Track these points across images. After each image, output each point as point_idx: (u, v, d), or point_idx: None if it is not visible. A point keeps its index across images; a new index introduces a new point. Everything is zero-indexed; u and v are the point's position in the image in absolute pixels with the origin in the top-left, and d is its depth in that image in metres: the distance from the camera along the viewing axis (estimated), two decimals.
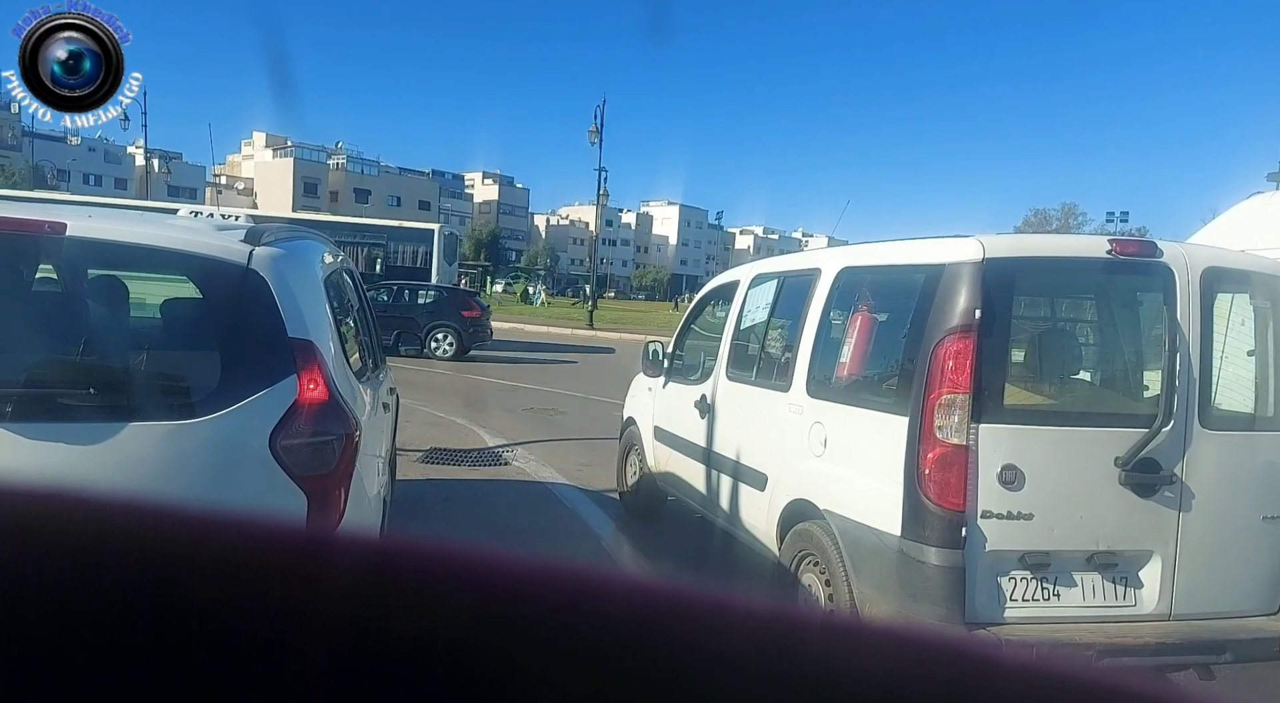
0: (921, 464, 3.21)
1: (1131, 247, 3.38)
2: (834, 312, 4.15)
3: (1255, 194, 5.77)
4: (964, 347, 3.18)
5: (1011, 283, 3.34)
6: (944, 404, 3.19)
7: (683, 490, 5.61)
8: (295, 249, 3.08)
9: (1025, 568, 3.22)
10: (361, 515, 2.89)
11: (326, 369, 2.65)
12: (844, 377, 3.91)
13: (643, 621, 0.42)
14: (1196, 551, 3.30)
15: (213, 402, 2.51)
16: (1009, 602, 3.22)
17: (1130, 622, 3.27)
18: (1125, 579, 3.31)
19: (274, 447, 2.49)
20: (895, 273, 3.82)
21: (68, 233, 2.61)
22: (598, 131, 31.56)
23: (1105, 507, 3.26)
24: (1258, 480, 3.40)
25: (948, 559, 3.15)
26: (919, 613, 3.19)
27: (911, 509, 3.24)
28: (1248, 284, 3.54)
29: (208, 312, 2.96)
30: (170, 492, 2.45)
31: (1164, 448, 3.26)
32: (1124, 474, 3.24)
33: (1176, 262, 3.33)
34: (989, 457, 3.18)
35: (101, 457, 2.39)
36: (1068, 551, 3.24)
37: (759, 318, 4.92)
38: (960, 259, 3.27)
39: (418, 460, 7.55)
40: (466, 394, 12.75)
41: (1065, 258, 3.52)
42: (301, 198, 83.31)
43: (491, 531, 5.81)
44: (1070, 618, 3.24)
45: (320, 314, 2.89)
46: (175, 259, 2.87)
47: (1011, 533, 3.19)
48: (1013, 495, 3.19)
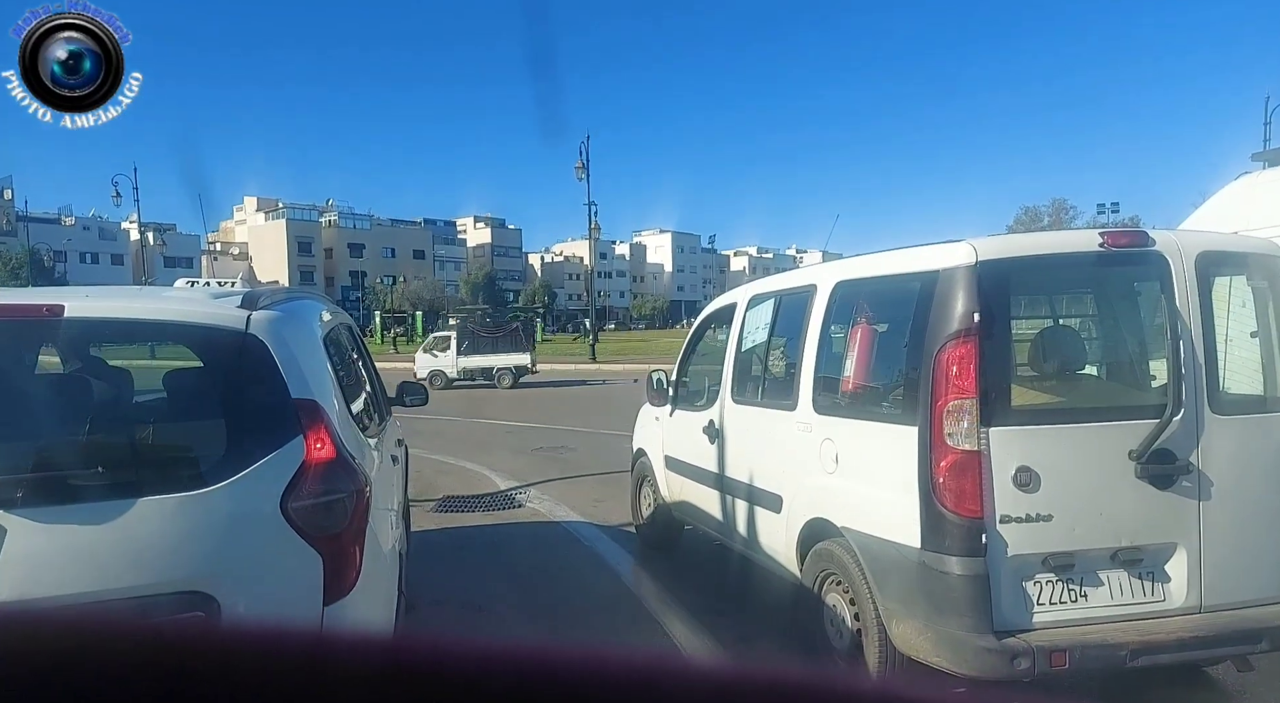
0: (935, 473, 3.19)
1: (1123, 238, 3.38)
2: (833, 326, 4.14)
3: (1243, 175, 5.78)
4: (966, 351, 3.17)
5: (1007, 284, 3.33)
6: (952, 411, 3.17)
7: (699, 519, 5.56)
8: (292, 310, 3.08)
9: (1049, 571, 3.18)
10: (377, 571, 2.86)
11: (332, 427, 2.64)
12: (849, 391, 3.89)
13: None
14: (1220, 539, 3.26)
15: (221, 469, 2.50)
16: (1036, 607, 3.17)
17: (1161, 618, 3.21)
18: (1151, 574, 3.26)
19: (285, 509, 2.48)
20: (891, 283, 3.82)
21: (66, 313, 2.62)
22: (584, 167, 31.96)
23: (1124, 501, 3.22)
24: (1274, 462, 3.36)
25: (970, 568, 3.11)
26: (946, 625, 3.14)
27: (929, 520, 3.20)
28: (1244, 266, 3.53)
29: (210, 379, 2.95)
30: (186, 564, 2.44)
31: (1177, 437, 3.23)
32: (1140, 467, 3.20)
33: (1170, 249, 3.33)
34: (1002, 460, 3.15)
35: (114, 535, 2.38)
36: (1091, 549, 3.20)
37: (759, 339, 4.91)
38: (954, 264, 3.27)
39: (431, 510, 7.52)
40: (474, 439, 12.70)
41: (1058, 254, 3.52)
42: (296, 257, 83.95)
43: (510, 574, 5.77)
44: (1100, 618, 3.19)
45: (322, 372, 2.89)
46: (174, 331, 2.88)
47: (1032, 536, 3.15)
48: (1030, 498, 3.15)
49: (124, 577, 2.38)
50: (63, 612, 0.47)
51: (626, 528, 6.85)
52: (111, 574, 2.38)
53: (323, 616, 2.50)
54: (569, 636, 4.59)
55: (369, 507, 2.75)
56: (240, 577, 2.48)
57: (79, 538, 2.38)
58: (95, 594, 2.32)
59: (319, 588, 2.50)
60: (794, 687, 0.42)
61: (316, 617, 2.51)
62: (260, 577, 2.52)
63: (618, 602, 5.22)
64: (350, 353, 4.15)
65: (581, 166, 32.02)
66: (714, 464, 5.16)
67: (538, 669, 0.42)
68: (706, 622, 4.74)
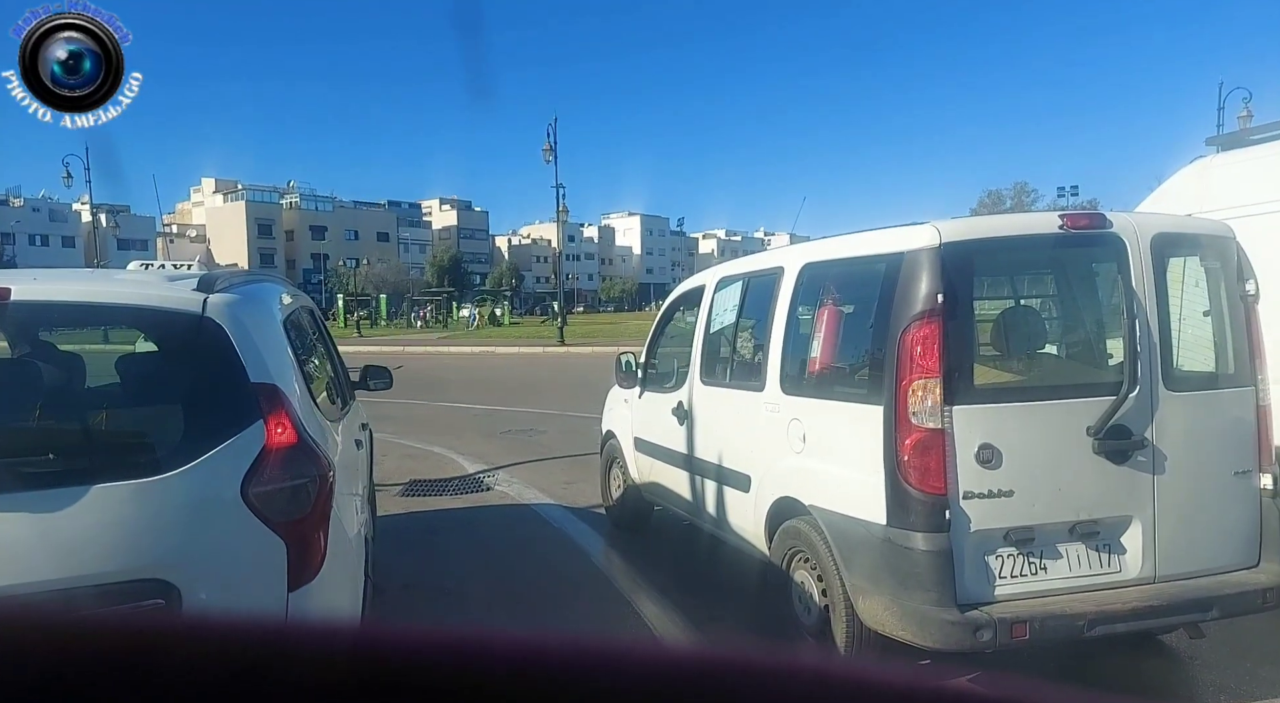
0: (900, 451, 3.24)
1: (1082, 220, 3.45)
2: (800, 308, 4.18)
3: (1197, 159, 5.92)
4: (930, 332, 3.22)
5: (970, 265, 3.39)
6: (916, 390, 3.22)
7: (668, 499, 5.61)
8: (251, 293, 3.03)
9: (1010, 545, 3.26)
10: (342, 557, 2.85)
11: (293, 411, 2.61)
12: (816, 371, 3.94)
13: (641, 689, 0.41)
14: (1174, 512, 3.37)
15: (179, 455, 2.46)
16: (998, 580, 3.26)
17: (1117, 589, 3.32)
18: (1108, 547, 3.36)
19: (246, 495, 2.44)
20: (857, 265, 3.86)
21: (12, 297, 2.56)
22: (552, 149, 31.62)
23: (1082, 477, 3.31)
24: (1225, 437, 3.48)
25: (934, 543, 3.18)
26: (911, 600, 3.21)
27: (894, 497, 3.26)
28: (1197, 247, 3.62)
29: (166, 364, 2.90)
30: (145, 551, 2.40)
31: (1132, 414, 3.32)
32: (1097, 443, 3.29)
33: (1126, 231, 3.40)
34: (965, 438, 3.22)
35: (70, 522, 2.33)
36: (1050, 523, 3.29)
37: (727, 321, 4.94)
38: (918, 246, 3.31)
39: (398, 494, 7.44)
40: (442, 422, 12.58)
41: (1019, 236, 3.58)
42: (256, 240, 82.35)
43: (478, 557, 5.78)
44: (1059, 590, 3.28)
45: (282, 356, 2.85)
46: (127, 314, 2.82)
47: (994, 512, 3.23)
48: (992, 474, 3.23)
49: (81, 565, 2.34)
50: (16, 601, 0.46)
51: (596, 510, 6.84)
52: (68, 562, 2.34)
53: (287, 601, 2.48)
54: (539, 618, 4.59)
55: (332, 492, 2.72)
56: (201, 564, 2.44)
57: (33, 526, 2.33)
58: (51, 582, 2.28)
59: (283, 574, 2.48)
60: (767, 670, 0.42)
61: (281, 603, 2.49)
62: (222, 563, 2.49)
63: (588, 582, 5.23)
64: (311, 336, 4.10)
65: (549, 149, 31.65)
66: (683, 445, 5.19)
67: (508, 655, 0.42)
68: (677, 601, 4.76)
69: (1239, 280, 3.55)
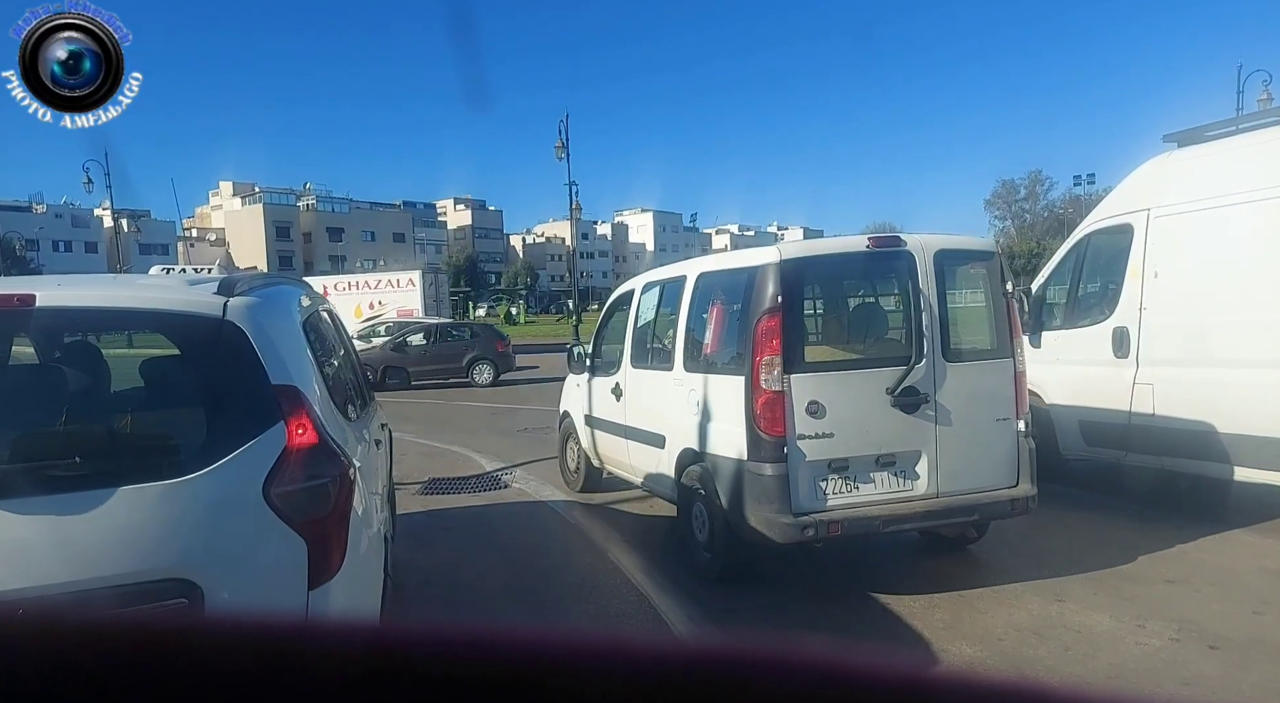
0: (755, 407, 4.60)
1: (883, 241, 4.83)
2: (697, 307, 5.54)
3: (1158, 156, 6.20)
4: (774, 323, 4.58)
5: (802, 275, 4.76)
6: (765, 363, 4.58)
7: (612, 462, 6.94)
8: (271, 296, 3.09)
9: (833, 472, 4.63)
10: (363, 555, 2.87)
11: (313, 412, 2.64)
12: (707, 354, 5.30)
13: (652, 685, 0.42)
14: (951, 447, 4.75)
15: (202, 457, 2.48)
16: (826, 497, 4.62)
17: (909, 501, 4.70)
18: (904, 473, 4.74)
19: (268, 495, 2.46)
20: (733, 274, 5.22)
21: (38, 303, 2.60)
22: (564, 146, 31.29)
23: (883, 423, 4.69)
24: (988, 394, 4.87)
25: (778, 471, 4.54)
26: (763, 511, 4.57)
27: (751, 440, 4.62)
28: (970, 259, 5.04)
29: (188, 367, 2.93)
30: (168, 552, 2.44)
31: (919, 378, 4.71)
32: (894, 399, 4.67)
33: (916, 248, 4.79)
34: (799, 397, 4.58)
35: (95, 524, 2.36)
36: (861, 456, 4.66)
37: (649, 317, 6.31)
38: (766, 262, 4.67)
39: (417, 493, 7.56)
40: (460, 421, 12.62)
41: (838, 253, 4.99)
42: (275, 242, 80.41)
43: (496, 553, 5.84)
44: (868, 502, 4.66)
45: (302, 358, 2.90)
46: (149, 319, 2.85)
47: (820, 448, 4.59)
48: (818, 422, 4.59)
49: (106, 566, 2.36)
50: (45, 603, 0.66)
51: (613, 506, 7.09)
52: (93, 563, 2.36)
53: (308, 600, 2.50)
54: (556, 614, 4.71)
55: (353, 491, 2.76)
56: (224, 563, 2.47)
57: (59, 528, 2.36)
58: (77, 584, 2.31)
59: (304, 573, 2.49)
60: (778, 663, 0.42)
61: (301, 601, 2.50)
62: (244, 563, 2.51)
63: (604, 578, 5.26)
64: (331, 337, 4.22)
65: (561, 146, 31.21)
66: (621, 417, 6.54)
67: (525, 651, 0.43)
68: (692, 594, 4.87)
69: (1001, 283, 4.95)
